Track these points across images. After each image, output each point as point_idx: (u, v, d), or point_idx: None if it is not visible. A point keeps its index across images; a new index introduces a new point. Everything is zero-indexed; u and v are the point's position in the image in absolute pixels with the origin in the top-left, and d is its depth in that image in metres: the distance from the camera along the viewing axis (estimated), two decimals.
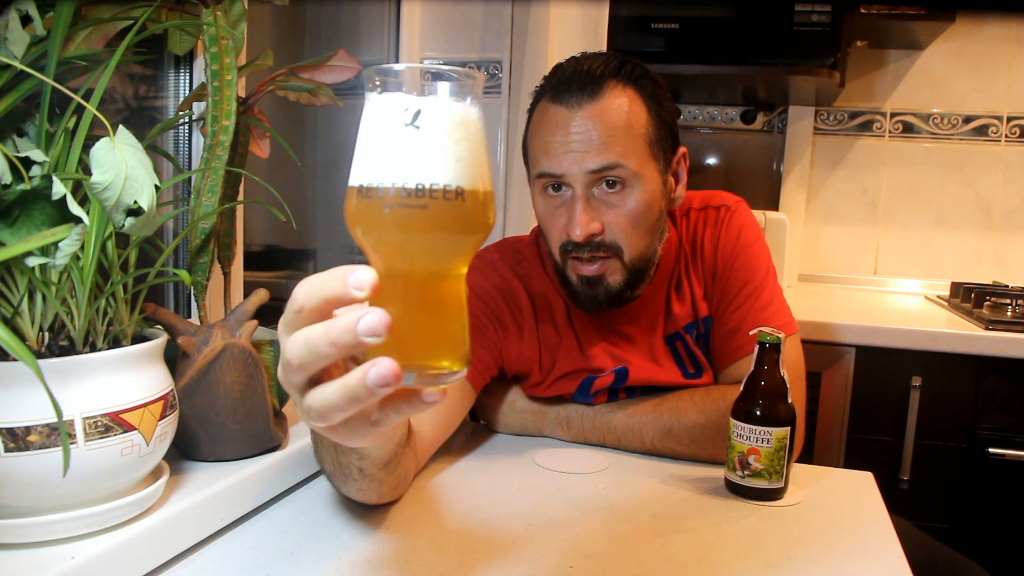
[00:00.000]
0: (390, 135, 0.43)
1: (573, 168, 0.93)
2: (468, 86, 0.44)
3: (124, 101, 1.06)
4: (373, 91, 0.44)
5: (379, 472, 0.74)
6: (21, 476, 0.57)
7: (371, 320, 0.38)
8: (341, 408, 0.41)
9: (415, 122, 0.43)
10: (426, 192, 0.42)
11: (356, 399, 0.40)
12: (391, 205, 0.42)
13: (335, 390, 0.40)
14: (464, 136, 0.44)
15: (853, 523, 0.86)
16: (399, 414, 0.43)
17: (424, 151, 0.42)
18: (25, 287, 0.61)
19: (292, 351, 0.41)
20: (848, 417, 1.72)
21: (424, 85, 0.44)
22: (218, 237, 0.83)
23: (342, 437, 0.44)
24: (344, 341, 0.39)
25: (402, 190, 0.42)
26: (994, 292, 1.89)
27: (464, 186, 0.43)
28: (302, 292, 0.41)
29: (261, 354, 0.80)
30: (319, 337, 0.40)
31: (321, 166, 1.67)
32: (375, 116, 0.44)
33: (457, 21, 1.79)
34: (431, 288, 0.45)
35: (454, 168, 0.43)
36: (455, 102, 0.44)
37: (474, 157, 0.44)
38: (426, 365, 0.43)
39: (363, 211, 0.43)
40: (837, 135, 2.36)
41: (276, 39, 1.50)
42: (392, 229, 0.42)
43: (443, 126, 0.43)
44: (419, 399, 0.43)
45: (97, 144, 0.57)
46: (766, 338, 0.89)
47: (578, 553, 0.75)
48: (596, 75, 0.94)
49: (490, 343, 1.03)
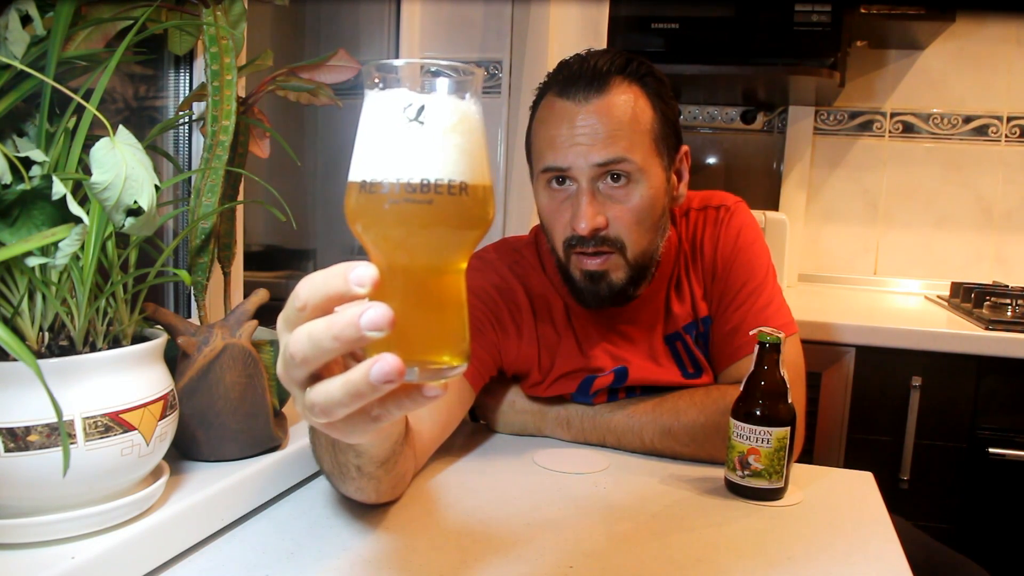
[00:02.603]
0: (393, 131, 0.43)
1: (579, 161, 0.93)
2: (468, 82, 0.44)
3: (124, 101, 1.06)
4: (374, 87, 0.44)
5: (377, 470, 0.74)
6: (21, 476, 0.57)
7: (373, 315, 0.38)
8: (344, 404, 0.41)
9: (419, 117, 0.43)
10: (431, 187, 0.42)
11: (359, 395, 0.40)
12: (395, 200, 0.42)
13: (338, 386, 0.40)
14: (466, 131, 0.44)
15: (853, 523, 0.86)
16: (400, 409, 0.43)
17: (428, 146, 0.43)
18: (25, 287, 0.61)
19: (295, 346, 0.41)
20: (848, 417, 1.72)
21: (425, 81, 0.44)
22: (218, 237, 0.83)
23: (342, 433, 0.45)
24: (347, 335, 0.39)
25: (407, 185, 0.42)
26: (994, 292, 1.89)
27: (467, 181, 0.43)
28: (304, 289, 0.41)
29: (261, 354, 0.80)
30: (322, 332, 0.40)
31: (321, 166, 1.67)
32: (377, 112, 0.44)
33: (457, 21, 1.79)
34: (432, 283, 0.45)
35: (457, 163, 0.43)
36: (456, 98, 0.44)
37: (475, 152, 0.44)
38: (427, 360, 0.44)
39: (365, 206, 0.43)
40: (837, 135, 2.36)
41: (276, 39, 1.50)
42: (395, 224, 0.43)
43: (446, 121, 0.43)
44: (420, 394, 0.43)
45: (97, 144, 0.57)
46: (766, 338, 0.89)
47: (578, 553, 0.75)
48: (602, 71, 0.94)
49: (489, 343, 1.03)
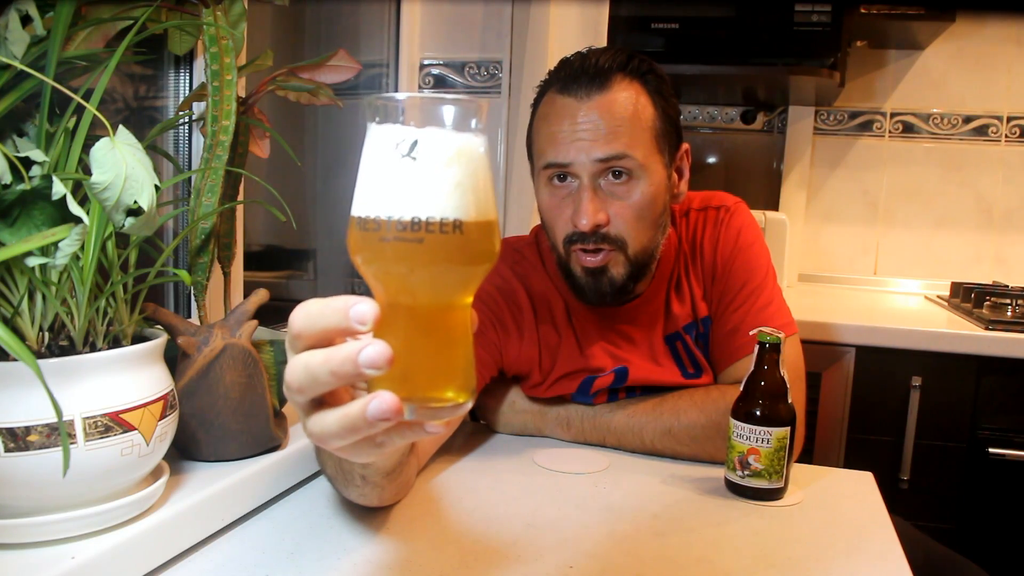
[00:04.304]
0: (387, 166, 0.42)
1: (580, 157, 0.93)
2: (470, 114, 0.43)
3: (124, 101, 1.06)
4: (372, 121, 0.43)
5: (382, 480, 0.74)
6: (21, 476, 0.57)
7: (372, 352, 0.38)
8: (340, 436, 0.40)
9: (411, 153, 0.41)
10: (422, 225, 0.40)
11: (355, 429, 0.40)
12: (389, 238, 0.41)
13: (335, 419, 0.40)
14: (464, 166, 0.42)
15: (853, 523, 0.86)
16: (402, 439, 0.43)
17: (420, 183, 0.41)
18: (25, 287, 0.61)
19: (291, 375, 0.40)
20: (848, 417, 1.72)
21: (423, 115, 0.42)
22: (218, 237, 0.83)
23: (346, 454, 0.44)
24: (344, 371, 0.39)
25: (398, 223, 0.40)
26: (994, 292, 1.89)
27: (463, 218, 0.41)
28: (299, 320, 0.41)
29: (261, 354, 0.80)
30: (319, 365, 0.39)
31: (321, 166, 1.67)
32: (373, 147, 0.43)
33: (457, 21, 1.79)
34: (434, 320, 0.44)
35: (452, 200, 0.41)
36: (455, 132, 0.42)
37: (475, 187, 0.42)
38: (429, 397, 0.43)
39: (362, 243, 0.42)
40: (837, 135, 2.36)
41: (276, 39, 1.50)
42: (391, 261, 0.41)
43: (441, 157, 0.42)
44: (422, 428, 0.42)
45: (97, 144, 0.57)
46: (766, 338, 0.89)
47: (578, 553, 0.75)
48: (604, 68, 0.95)
49: (490, 344, 1.03)
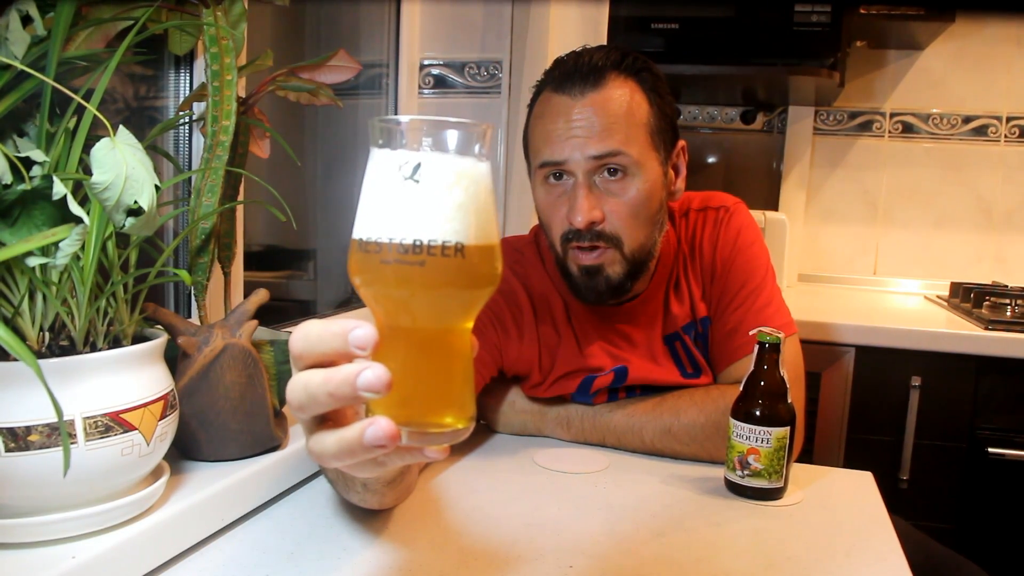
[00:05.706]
0: (389, 189, 0.41)
1: (575, 154, 0.93)
2: (473, 138, 0.42)
3: (124, 101, 1.06)
4: (375, 144, 0.43)
5: (383, 488, 0.74)
6: (21, 476, 0.57)
7: (371, 376, 0.38)
8: (338, 458, 0.41)
9: (414, 176, 0.41)
10: (424, 248, 0.40)
11: (352, 453, 0.40)
12: (389, 261, 0.41)
13: (333, 442, 0.40)
14: (466, 190, 0.42)
15: (853, 523, 0.86)
16: (402, 461, 0.43)
17: (422, 206, 0.41)
18: (25, 287, 0.61)
19: (292, 394, 0.41)
20: (848, 417, 1.72)
21: (426, 138, 0.42)
22: (218, 237, 0.83)
23: (347, 471, 0.45)
24: (342, 393, 0.39)
25: (399, 246, 0.40)
26: (994, 292, 1.89)
27: (464, 242, 0.41)
28: (299, 344, 0.41)
29: (261, 354, 0.80)
30: (318, 386, 0.39)
31: (321, 166, 1.67)
32: (375, 169, 0.43)
33: (457, 21, 1.79)
34: (434, 344, 0.43)
35: (453, 223, 0.41)
36: (458, 155, 0.42)
37: (478, 211, 0.42)
38: (427, 423, 0.43)
39: (363, 265, 0.42)
40: (837, 135, 2.36)
41: (276, 39, 1.50)
42: (391, 285, 0.41)
43: (443, 180, 0.41)
44: (421, 452, 0.43)
45: (97, 144, 0.57)
46: (766, 338, 0.89)
47: (578, 553, 0.75)
48: (598, 66, 0.95)
49: (490, 344, 1.03)
